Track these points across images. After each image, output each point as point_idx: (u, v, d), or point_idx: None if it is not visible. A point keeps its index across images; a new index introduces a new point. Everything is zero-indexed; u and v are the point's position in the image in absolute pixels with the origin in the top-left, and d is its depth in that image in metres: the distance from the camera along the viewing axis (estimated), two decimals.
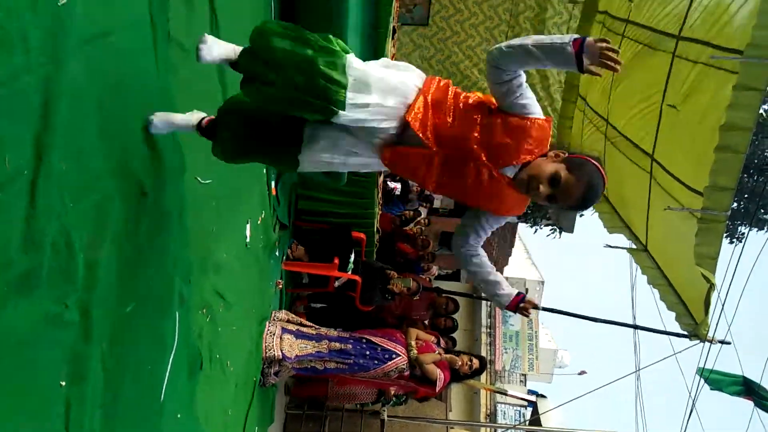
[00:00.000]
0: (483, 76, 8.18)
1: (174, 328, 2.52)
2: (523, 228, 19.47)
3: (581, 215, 18.56)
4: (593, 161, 1.94)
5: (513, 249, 19.15)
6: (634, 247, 6.07)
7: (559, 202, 1.93)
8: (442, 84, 1.99)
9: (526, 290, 15.04)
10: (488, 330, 15.87)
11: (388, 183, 9.23)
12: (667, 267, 5.39)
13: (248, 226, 3.68)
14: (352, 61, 1.83)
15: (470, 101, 1.94)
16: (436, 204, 15.42)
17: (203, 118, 2.18)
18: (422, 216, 9.78)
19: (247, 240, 3.72)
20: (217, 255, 3.09)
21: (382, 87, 1.86)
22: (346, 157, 2.03)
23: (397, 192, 9.50)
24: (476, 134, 1.89)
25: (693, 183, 4.41)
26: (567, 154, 1.95)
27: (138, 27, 1.90)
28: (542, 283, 18.56)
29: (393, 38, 5.37)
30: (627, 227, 6.42)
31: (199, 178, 2.64)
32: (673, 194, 4.79)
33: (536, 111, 1.91)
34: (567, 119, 8.00)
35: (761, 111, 14.85)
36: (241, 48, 1.94)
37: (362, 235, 5.79)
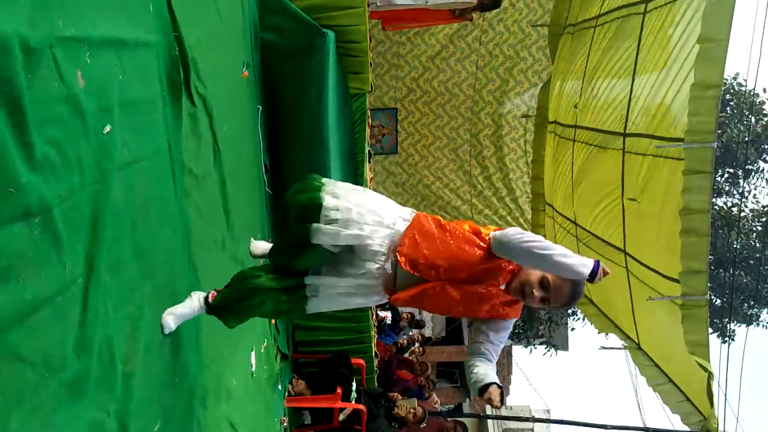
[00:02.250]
0: (454, 195, 8.64)
1: None
2: (518, 351, 19.21)
3: (572, 329, 18.57)
4: None
5: (512, 376, 18.76)
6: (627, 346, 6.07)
7: (552, 302, 2.13)
8: (431, 219, 2.22)
9: (533, 416, 14.50)
10: None
11: (379, 313, 9.28)
12: (663, 362, 5.32)
13: (253, 354, 3.70)
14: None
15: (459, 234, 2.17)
16: (427, 333, 15.32)
17: (206, 295, 2.33)
18: (416, 345, 9.73)
19: (253, 369, 3.71)
20: (227, 381, 3.09)
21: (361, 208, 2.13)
22: (349, 281, 2.17)
23: (388, 321, 9.52)
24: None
25: (667, 271, 4.46)
26: None
27: (160, 155, 2.13)
28: (548, 411, 17.94)
29: (369, 162, 5.78)
30: (617, 327, 6.45)
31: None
32: (652, 285, 4.81)
33: None
34: (539, 227, 8.33)
35: (722, 204, 15.66)
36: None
37: (362, 361, 5.75)
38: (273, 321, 4.41)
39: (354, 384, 5.32)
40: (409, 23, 6.96)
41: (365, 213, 2.11)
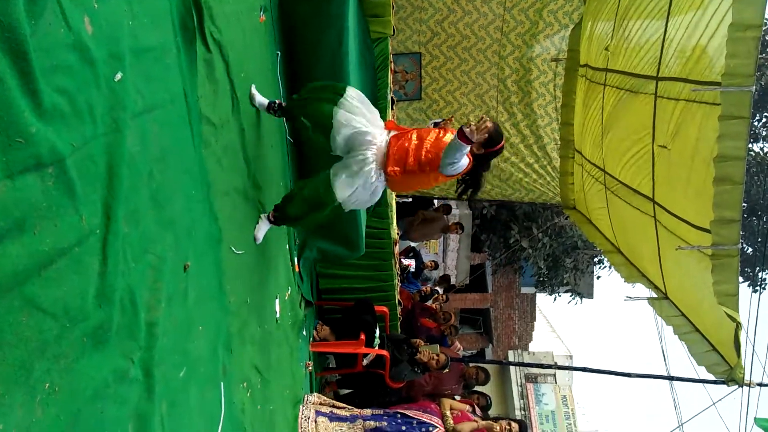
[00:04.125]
0: None
1: (220, 399, 2.55)
2: (542, 299, 19.28)
3: (598, 277, 18.49)
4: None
5: (535, 323, 18.90)
6: (654, 296, 6.01)
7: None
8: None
9: (555, 363, 14.69)
10: (522, 411, 15.35)
11: (402, 260, 9.32)
12: (690, 312, 5.28)
13: (277, 301, 3.75)
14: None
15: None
16: (452, 280, 15.43)
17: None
18: (440, 292, 9.81)
19: (277, 316, 3.78)
20: (252, 327, 3.14)
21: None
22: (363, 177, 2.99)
23: (412, 269, 9.57)
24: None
25: (697, 221, 4.39)
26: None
27: (175, 103, 2.10)
28: (570, 357, 18.11)
29: (392, 109, 5.69)
30: (644, 276, 6.38)
31: (234, 248, 2.76)
32: (681, 235, 4.73)
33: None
34: (568, 175, 8.16)
35: (758, 149, 15.13)
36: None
37: (385, 309, 5.82)
38: (297, 269, 4.46)
39: (377, 330, 5.40)
40: None
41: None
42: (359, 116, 3.02)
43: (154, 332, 1.86)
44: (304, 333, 4.72)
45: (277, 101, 3.28)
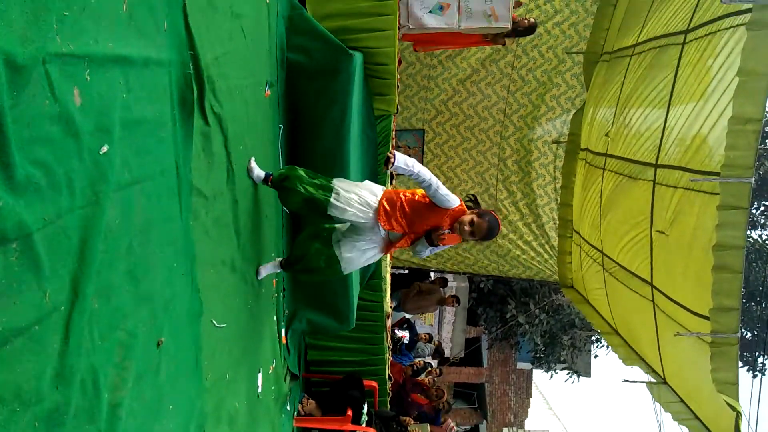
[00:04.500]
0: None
1: None
2: (538, 375, 18.86)
3: (596, 356, 18.10)
4: (492, 212, 3.24)
5: (531, 399, 18.38)
6: (653, 380, 5.86)
7: (477, 234, 3.15)
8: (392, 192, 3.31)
9: None
10: None
11: (396, 332, 9.14)
12: (690, 399, 5.14)
13: (260, 375, 3.61)
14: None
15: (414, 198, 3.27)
16: (446, 353, 15.09)
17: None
18: (434, 366, 9.55)
19: (259, 390, 3.63)
20: (229, 404, 3.00)
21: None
22: (365, 240, 3.29)
23: (406, 341, 9.37)
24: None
25: (696, 307, 4.32)
26: (476, 210, 3.21)
27: (165, 175, 2.07)
28: None
29: (392, 184, 5.71)
30: (642, 360, 6.25)
31: (215, 322, 2.67)
32: (680, 321, 4.67)
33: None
34: (566, 254, 8.13)
35: (756, 237, 15.15)
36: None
37: (374, 384, 5.64)
38: (284, 340, 4.33)
39: (365, 407, 5.21)
40: (441, 45, 6.89)
41: (359, 200, 3.18)
42: (353, 195, 3.20)
43: (118, 414, 1.75)
44: (288, 408, 4.53)
45: (271, 174, 3.34)
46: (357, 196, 3.17)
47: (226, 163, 2.77)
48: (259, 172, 3.26)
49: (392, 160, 2.99)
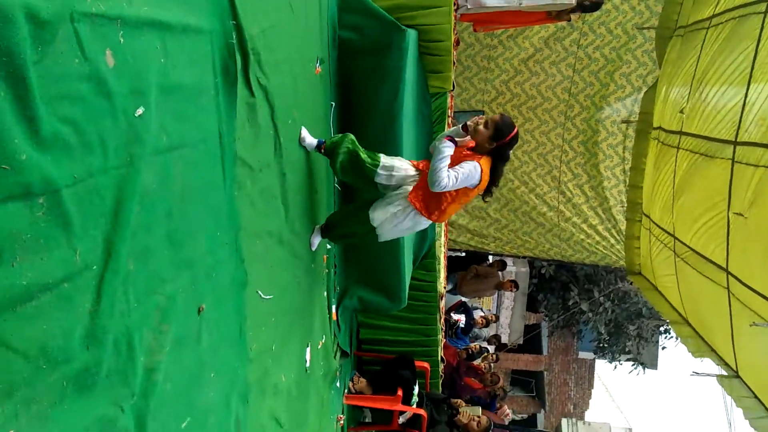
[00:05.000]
0: (540, 200, 8.25)
1: None
2: (601, 366, 18.30)
3: (663, 348, 17.37)
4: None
5: (593, 390, 17.89)
6: (724, 373, 5.54)
7: (489, 128, 3.00)
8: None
9: None
10: None
11: (452, 315, 9.03)
12: (764, 393, 4.84)
13: (308, 349, 3.62)
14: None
15: None
16: (504, 339, 14.85)
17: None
18: (490, 351, 9.39)
19: (307, 365, 3.63)
20: (275, 376, 3.01)
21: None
22: (401, 212, 3.21)
23: (461, 324, 9.24)
24: None
25: None
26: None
27: (208, 143, 2.05)
28: (629, 430, 16.96)
29: None
30: (713, 351, 5.92)
31: (260, 293, 2.67)
32: (756, 310, 4.41)
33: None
34: (634, 239, 7.78)
35: None
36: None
37: (426, 365, 5.58)
38: (335, 317, 4.33)
39: (416, 387, 5.17)
40: (502, 25, 6.66)
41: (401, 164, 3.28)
42: (395, 162, 3.28)
43: (154, 378, 1.76)
44: (338, 384, 4.54)
45: (324, 141, 3.36)
46: (400, 162, 3.29)
47: (273, 135, 2.74)
48: (311, 140, 3.28)
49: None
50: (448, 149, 2.96)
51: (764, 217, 4.12)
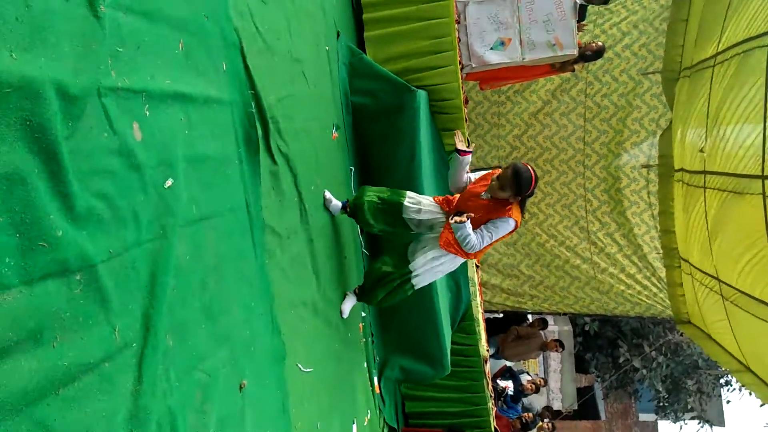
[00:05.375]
0: (572, 253, 8.09)
1: None
2: (665, 427, 17.27)
3: (728, 402, 16.37)
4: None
5: None
6: None
7: (505, 186, 2.96)
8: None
9: None
10: None
11: (498, 382, 8.67)
12: None
13: (354, 426, 3.45)
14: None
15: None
16: (557, 405, 14.14)
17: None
18: (545, 421, 8.91)
19: None
20: None
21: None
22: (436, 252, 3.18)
23: (510, 392, 8.84)
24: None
25: None
26: None
27: (236, 212, 2.05)
28: None
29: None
30: None
31: (300, 366, 2.57)
32: None
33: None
34: (676, 286, 7.51)
35: None
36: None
37: None
38: (378, 390, 4.16)
39: None
40: (508, 80, 6.81)
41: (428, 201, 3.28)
42: (422, 198, 3.28)
43: None
44: None
45: (347, 200, 3.40)
46: (425, 199, 3.29)
47: (298, 201, 2.74)
48: (336, 202, 3.32)
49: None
50: (463, 229, 2.94)
51: None
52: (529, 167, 3.02)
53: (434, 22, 4.42)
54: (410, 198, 3.23)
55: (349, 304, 3.43)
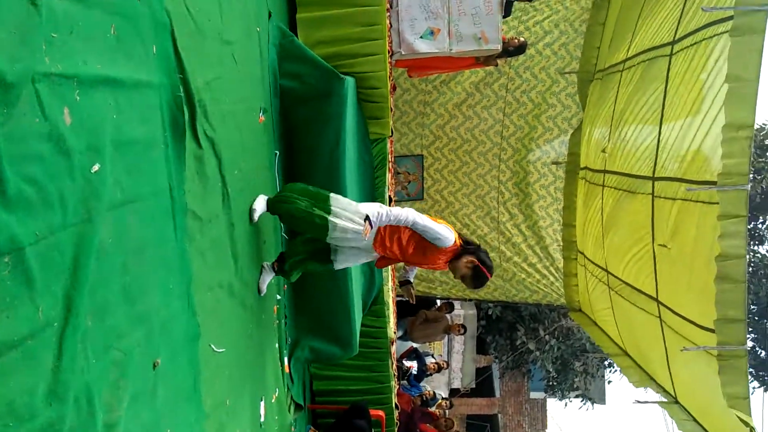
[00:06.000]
0: (482, 241, 8.49)
1: None
2: (552, 404, 18.50)
3: (609, 382, 17.80)
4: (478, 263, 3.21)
5: (547, 430, 18.01)
6: (664, 400, 5.77)
7: (464, 282, 3.28)
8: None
9: None
10: None
11: (404, 362, 9.04)
12: (702, 417, 5.05)
13: (262, 403, 3.57)
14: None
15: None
16: (456, 384, 14.85)
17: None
18: (444, 396, 9.37)
19: (262, 419, 3.58)
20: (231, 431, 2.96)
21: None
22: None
23: (414, 371, 9.24)
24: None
25: (702, 320, 4.29)
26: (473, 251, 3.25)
27: (159, 196, 2.09)
28: None
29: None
30: (652, 380, 6.15)
31: (213, 346, 2.66)
32: (687, 335, 4.62)
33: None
34: (571, 276, 8.09)
35: (765, 252, 15.01)
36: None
37: (381, 413, 5.55)
38: (287, 369, 4.29)
39: None
40: (435, 70, 7.01)
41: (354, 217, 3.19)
42: (351, 214, 3.21)
43: None
44: None
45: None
46: (352, 224, 3.19)
47: (221, 186, 2.79)
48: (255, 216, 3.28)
49: (367, 231, 3.09)
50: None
51: (685, 247, 4.41)
52: (487, 261, 3.24)
53: (366, 8, 4.49)
54: (333, 225, 3.18)
55: (265, 278, 3.48)
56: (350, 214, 3.18)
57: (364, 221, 3.10)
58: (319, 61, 4.04)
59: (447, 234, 3.11)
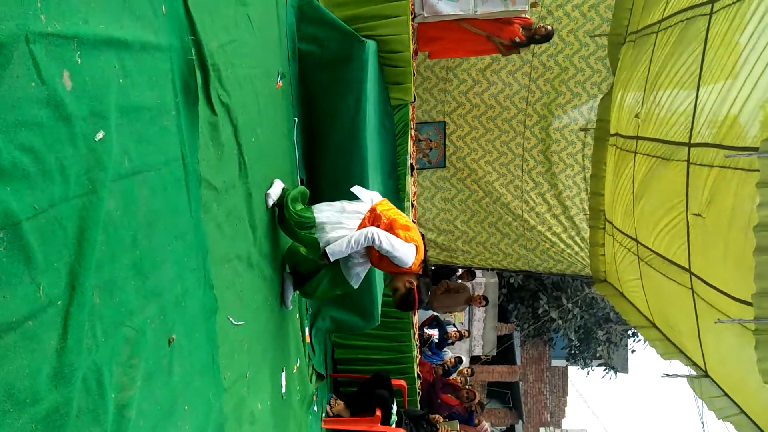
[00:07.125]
0: (505, 210, 8.33)
1: None
2: (574, 372, 18.50)
3: (633, 351, 17.67)
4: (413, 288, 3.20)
5: (568, 397, 18.05)
6: (693, 374, 5.63)
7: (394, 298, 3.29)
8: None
9: None
10: None
11: (426, 331, 9.00)
12: (734, 392, 4.92)
13: (283, 374, 3.53)
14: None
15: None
16: (477, 351, 14.87)
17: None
18: (465, 365, 9.33)
19: (283, 390, 3.55)
20: (251, 405, 2.92)
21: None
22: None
23: (435, 339, 9.21)
24: None
25: (738, 293, 4.14)
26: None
27: (171, 165, 1.99)
28: None
29: (412, 176, 5.59)
30: (682, 352, 6.02)
31: (231, 319, 2.59)
32: (720, 308, 4.49)
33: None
34: (598, 246, 7.89)
35: None
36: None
37: (403, 383, 5.53)
38: (308, 339, 4.25)
39: (395, 406, 5.10)
40: (456, 54, 6.84)
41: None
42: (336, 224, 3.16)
43: (126, 414, 1.67)
44: (315, 409, 4.45)
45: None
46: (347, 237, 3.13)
47: (237, 154, 2.68)
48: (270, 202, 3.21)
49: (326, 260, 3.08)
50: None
51: (722, 217, 4.22)
52: (423, 292, 3.23)
53: None
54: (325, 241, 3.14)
55: (289, 293, 3.49)
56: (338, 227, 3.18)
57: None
58: (339, 24, 3.86)
59: (405, 260, 3.08)
